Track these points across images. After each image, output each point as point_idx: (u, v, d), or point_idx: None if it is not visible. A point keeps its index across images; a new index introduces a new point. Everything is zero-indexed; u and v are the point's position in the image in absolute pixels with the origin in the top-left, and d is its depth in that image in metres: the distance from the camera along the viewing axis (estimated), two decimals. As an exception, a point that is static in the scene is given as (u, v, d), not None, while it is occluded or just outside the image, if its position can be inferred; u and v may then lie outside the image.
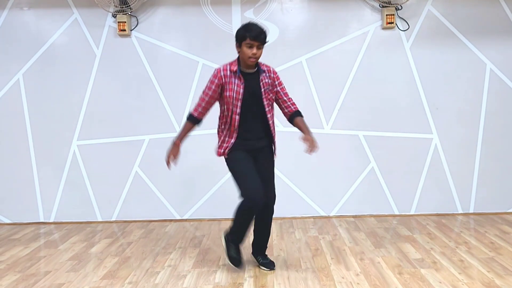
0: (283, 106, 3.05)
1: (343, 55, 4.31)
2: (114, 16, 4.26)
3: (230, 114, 2.88)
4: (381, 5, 4.24)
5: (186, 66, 4.33)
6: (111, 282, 2.95)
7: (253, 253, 3.21)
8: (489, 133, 4.33)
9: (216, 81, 2.87)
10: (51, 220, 4.45)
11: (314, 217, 4.39)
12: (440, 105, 4.33)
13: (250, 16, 4.30)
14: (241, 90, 2.85)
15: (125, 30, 4.24)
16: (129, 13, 4.25)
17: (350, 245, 3.55)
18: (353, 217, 4.39)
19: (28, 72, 4.35)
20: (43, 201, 4.44)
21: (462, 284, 2.75)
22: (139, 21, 4.31)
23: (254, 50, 2.79)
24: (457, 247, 3.43)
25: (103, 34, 4.33)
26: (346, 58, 4.32)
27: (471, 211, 4.38)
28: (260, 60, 2.91)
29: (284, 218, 4.39)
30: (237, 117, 2.87)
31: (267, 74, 2.94)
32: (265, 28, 2.84)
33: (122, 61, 4.34)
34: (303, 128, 3.00)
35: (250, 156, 2.96)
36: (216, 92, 2.88)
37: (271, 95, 2.96)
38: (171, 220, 4.42)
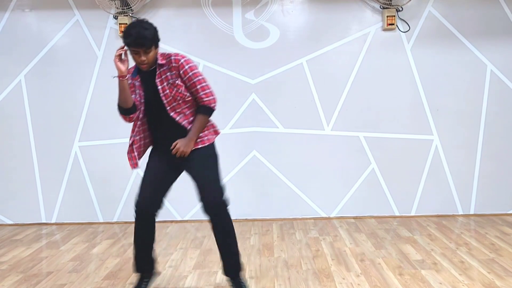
0: (197, 101, 2.56)
1: (343, 56, 4.32)
2: (116, 17, 4.28)
3: (142, 116, 2.60)
4: (381, 7, 4.25)
5: (187, 68, 4.34)
6: (113, 282, 2.96)
7: (223, 272, 2.71)
8: (490, 134, 4.34)
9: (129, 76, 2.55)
10: (53, 221, 4.46)
11: (314, 218, 4.40)
12: (441, 106, 4.33)
13: (251, 17, 4.31)
14: (140, 92, 2.55)
15: (126, 31, 4.25)
16: (130, 14, 4.26)
17: (351, 246, 3.56)
18: (353, 218, 4.40)
19: (30, 73, 4.37)
20: (45, 202, 4.46)
21: (463, 285, 2.76)
22: (140, 22, 4.32)
23: (142, 57, 2.42)
24: (457, 248, 3.43)
25: (105, 36, 4.34)
26: (346, 60, 4.33)
27: (472, 212, 4.39)
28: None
29: (284, 219, 4.40)
30: (144, 120, 2.59)
31: (167, 66, 2.49)
32: (146, 28, 2.40)
33: (123, 63, 4.35)
34: (193, 127, 2.54)
35: (166, 157, 2.60)
36: (133, 92, 2.58)
37: (178, 89, 2.49)
38: (172, 221, 4.43)
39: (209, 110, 2.57)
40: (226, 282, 2.91)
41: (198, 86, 2.52)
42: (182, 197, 4.43)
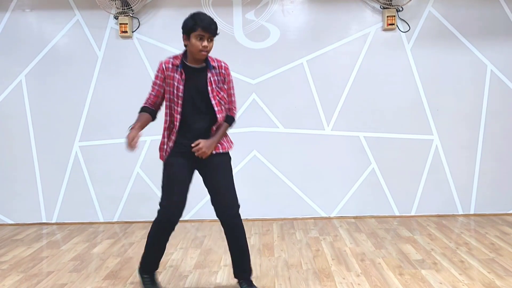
0: (222, 105, 2.67)
1: (344, 56, 4.33)
2: (116, 17, 4.28)
3: (172, 112, 2.59)
4: (381, 7, 4.26)
5: (188, 68, 4.35)
6: (113, 282, 2.97)
7: (234, 275, 2.79)
8: (490, 134, 4.34)
9: (159, 74, 2.59)
10: (53, 221, 4.47)
11: (314, 218, 4.40)
12: (441, 106, 4.34)
13: (251, 17, 4.32)
14: (181, 87, 2.54)
15: (126, 31, 4.26)
16: (131, 14, 4.27)
17: (351, 246, 3.56)
18: (353, 218, 4.40)
19: (31, 73, 4.38)
20: (45, 202, 4.46)
21: (463, 285, 2.76)
22: (140, 22, 4.33)
23: (205, 43, 2.48)
24: (457, 248, 3.43)
25: (105, 36, 4.35)
26: (347, 60, 4.33)
27: (472, 212, 4.39)
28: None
29: (285, 219, 4.40)
30: (179, 116, 2.57)
31: (218, 71, 2.61)
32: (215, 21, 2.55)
33: (124, 63, 4.36)
34: (216, 132, 2.64)
35: (190, 163, 2.62)
36: (162, 86, 2.61)
37: (222, 93, 2.62)
38: (172, 221, 4.43)
39: (233, 121, 2.75)
40: (226, 282, 2.93)
41: (233, 98, 2.72)
42: (183, 197, 4.44)
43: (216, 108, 2.59)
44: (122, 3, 4.17)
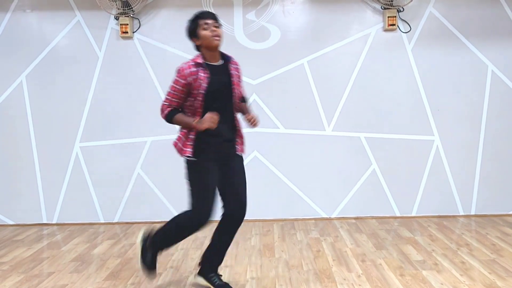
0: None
1: (344, 57, 4.32)
2: (117, 18, 4.28)
3: (195, 110, 2.56)
4: (382, 7, 4.25)
5: (188, 68, 4.35)
6: (114, 283, 2.96)
7: (201, 271, 2.83)
8: (491, 134, 4.34)
9: (181, 80, 2.54)
10: (54, 222, 4.47)
11: (315, 219, 4.40)
12: (442, 107, 4.33)
13: (252, 18, 4.31)
14: (205, 84, 2.52)
15: (127, 32, 4.26)
16: (131, 15, 4.27)
17: (352, 247, 3.56)
18: (354, 218, 4.40)
19: (31, 74, 4.38)
20: (46, 203, 4.46)
21: (464, 286, 2.76)
22: (141, 23, 4.33)
23: (213, 28, 2.55)
24: (458, 249, 3.43)
25: (106, 36, 4.35)
26: (347, 60, 4.33)
27: (473, 213, 4.38)
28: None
29: (285, 219, 4.40)
30: (202, 111, 2.55)
31: (234, 66, 2.69)
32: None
33: (124, 63, 4.36)
34: (244, 109, 2.73)
35: (217, 165, 2.63)
36: (183, 92, 2.56)
37: (241, 88, 2.71)
38: (173, 222, 4.43)
39: (247, 100, 2.85)
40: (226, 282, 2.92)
41: (242, 88, 2.77)
42: (183, 198, 4.44)
43: (236, 102, 2.65)
44: (123, 3, 4.17)
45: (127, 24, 4.24)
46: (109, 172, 4.40)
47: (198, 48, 2.64)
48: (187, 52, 4.35)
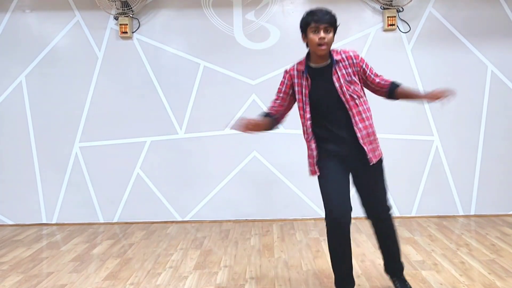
0: (377, 88, 2.60)
1: (344, 57, 4.32)
2: (116, 18, 4.28)
3: (303, 121, 2.52)
4: (382, 7, 4.25)
5: (188, 69, 4.35)
6: (113, 283, 2.96)
7: (385, 270, 2.81)
8: (490, 135, 4.33)
9: (285, 81, 2.54)
10: (54, 222, 4.47)
11: (315, 219, 4.40)
12: (441, 107, 4.33)
13: (252, 18, 4.31)
14: (307, 92, 2.45)
15: (126, 32, 4.26)
16: (131, 15, 4.27)
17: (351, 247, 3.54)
18: (354, 218, 4.36)
19: (31, 74, 4.38)
20: (45, 203, 4.46)
21: (463, 286, 2.75)
22: (140, 23, 4.33)
23: (321, 34, 2.35)
24: (458, 249, 3.43)
25: (105, 37, 4.35)
26: (347, 60, 4.32)
27: (472, 213, 4.38)
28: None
29: (285, 219, 4.40)
30: (309, 122, 2.49)
31: (345, 63, 2.45)
32: (329, 11, 2.43)
33: (123, 63, 4.36)
34: (412, 93, 2.54)
35: (343, 166, 2.54)
36: (286, 93, 2.54)
37: (352, 87, 2.45)
38: (172, 222, 4.43)
39: (396, 85, 2.57)
40: (226, 282, 2.92)
41: (378, 74, 2.58)
42: (183, 198, 4.44)
43: (347, 105, 2.44)
44: (122, 3, 4.17)
45: (127, 24, 4.24)
46: (108, 172, 4.40)
47: (307, 45, 2.48)
48: (186, 52, 4.35)
